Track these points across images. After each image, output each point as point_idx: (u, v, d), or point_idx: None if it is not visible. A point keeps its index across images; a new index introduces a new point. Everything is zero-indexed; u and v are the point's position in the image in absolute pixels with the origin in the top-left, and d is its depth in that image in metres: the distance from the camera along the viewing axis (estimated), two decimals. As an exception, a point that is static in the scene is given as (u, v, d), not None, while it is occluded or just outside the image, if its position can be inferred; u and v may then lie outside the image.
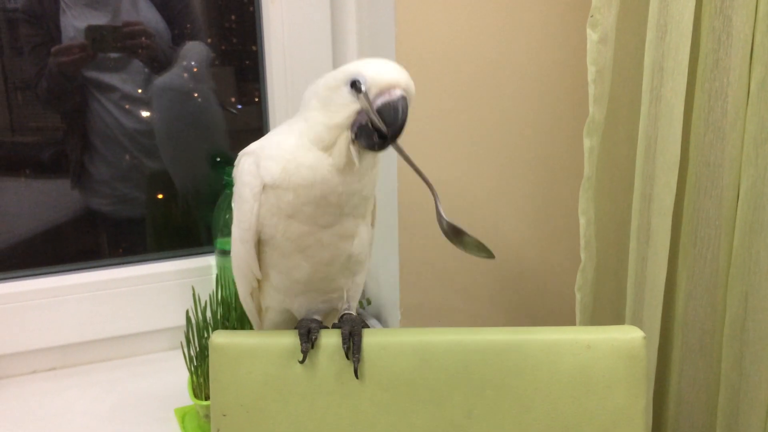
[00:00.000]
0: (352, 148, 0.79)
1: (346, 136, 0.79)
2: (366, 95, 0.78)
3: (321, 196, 0.81)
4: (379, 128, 0.77)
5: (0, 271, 1.36)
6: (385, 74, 0.78)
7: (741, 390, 1.17)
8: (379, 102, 0.78)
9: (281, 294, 0.94)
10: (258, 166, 0.85)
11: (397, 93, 0.78)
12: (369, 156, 0.82)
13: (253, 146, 0.88)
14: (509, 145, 1.36)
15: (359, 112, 0.79)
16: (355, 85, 0.78)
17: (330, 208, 0.83)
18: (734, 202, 1.14)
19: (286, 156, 0.82)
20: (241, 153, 0.90)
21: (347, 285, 0.94)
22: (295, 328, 0.90)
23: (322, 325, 0.91)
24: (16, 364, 1.32)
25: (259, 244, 0.89)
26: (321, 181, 0.81)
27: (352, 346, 0.87)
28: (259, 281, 0.94)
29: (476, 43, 1.29)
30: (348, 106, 0.79)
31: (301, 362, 0.87)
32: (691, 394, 1.25)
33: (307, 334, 0.87)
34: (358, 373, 0.87)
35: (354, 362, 0.86)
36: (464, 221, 1.36)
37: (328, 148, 0.80)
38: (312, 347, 0.87)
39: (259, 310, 0.99)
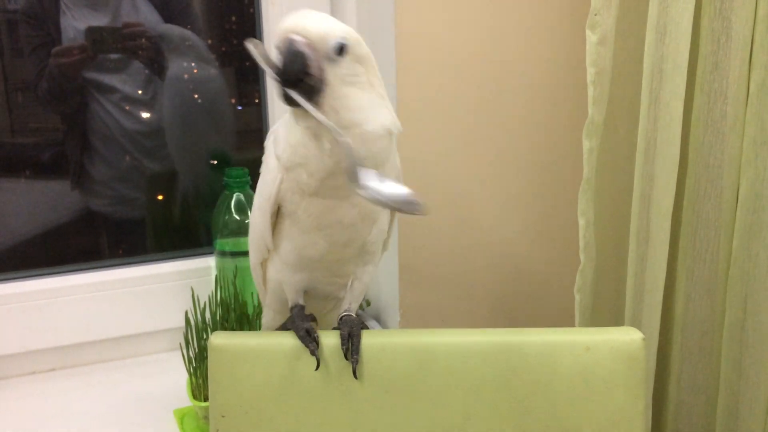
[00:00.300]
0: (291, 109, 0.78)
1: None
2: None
3: (329, 167, 0.79)
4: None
5: (0, 271, 1.36)
6: (281, 24, 0.75)
7: (740, 391, 1.17)
8: (279, 51, 0.75)
9: (287, 266, 0.92)
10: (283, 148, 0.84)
11: (287, 39, 0.74)
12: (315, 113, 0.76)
13: (279, 124, 0.88)
14: (508, 147, 1.36)
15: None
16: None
17: (341, 182, 0.78)
18: (733, 203, 1.14)
19: (281, 138, 0.83)
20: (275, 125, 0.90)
21: (356, 273, 0.93)
22: (282, 328, 0.90)
23: (309, 318, 0.91)
24: (16, 365, 1.32)
25: (279, 216, 0.88)
26: (314, 155, 0.79)
27: (351, 347, 0.86)
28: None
29: (475, 44, 1.29)
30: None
31: (317, 369, 0.86)
32: (690, 396, 1.25)
33: (308, 335, 0.87)
34: (358, 374, 0.87)
35: (353, 363, 0.86)
36: (463, 222, 1.37)
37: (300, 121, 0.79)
38: (318, 346, 0.86)
39: (266, 281, 0.99)
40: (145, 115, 1.54)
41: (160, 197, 1.59)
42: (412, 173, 1.30)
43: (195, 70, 1.53)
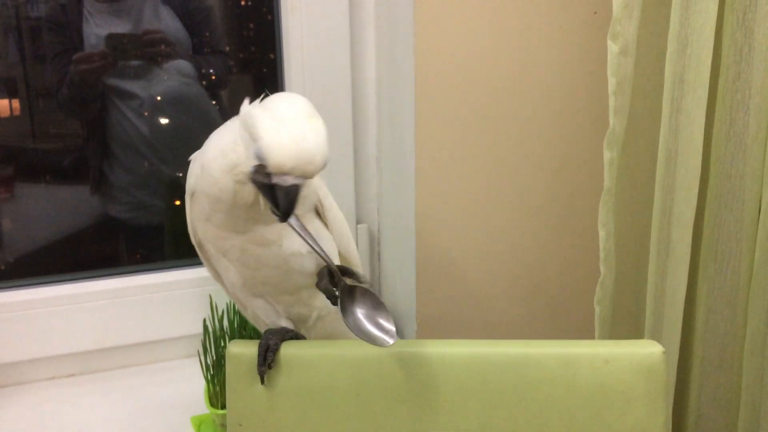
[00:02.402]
0: (261, 198, 0.77)
1: (252, 187, 0.77)
2: (260, 173, 0.75)
3: (227, 209, 0.81)
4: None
5: (19, 277, 1.37)
6: (280, 158, 0.72)
7: (762, 405, 1.16)
8: (274, 180, 0.74)
9: (238, 301, 0.95)
10: (191, 170, 0.87)
11: (288, 181, 0.73)
12: None
13: (199, 151, 0.88)
14: (528, 157, 1.36)
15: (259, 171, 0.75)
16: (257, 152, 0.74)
17: (239, 218, 0.82)
18: (756, 215, 1.12)
19: (204, 164, 0.82)
20: (191, 157, 0.91)
21: (311, 293, 0.92)
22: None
23: (289, 335, 0.90)
24: (35, 370, 1.33)
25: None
26: (225, 200, 0.80)
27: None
28: None
29: (496, 54, 1.29)
30: (252, 163, 0.75)
31: (262, 384, 0.87)
32: (711, 410, 1.24)
33: (265, 354, 0.87)
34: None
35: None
36: (482, 233, 1.36)
37: (237, 182, 0.78)
38: (270, 368, 0.87)
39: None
40: (164, 121, 1.55)
41: (178, 203, 1.59)
42: (431, 183, 1.31)
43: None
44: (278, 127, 0.73)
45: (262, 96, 0.81)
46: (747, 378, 1.17)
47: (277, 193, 0.74)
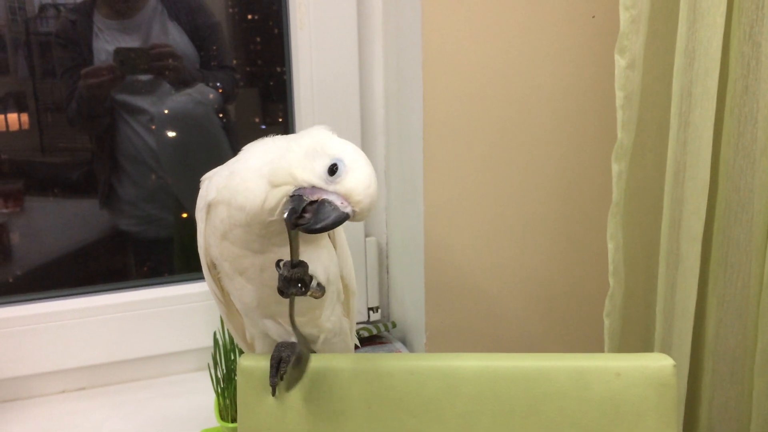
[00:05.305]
0: (283, 203, 0.77)
1: (290, 190, 0.77)
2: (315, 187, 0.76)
3: (246, 222, 0.80)
4: (302, 214, 0.75)
5: (28, 291, 1.37)
6: (358, 187, 0.75)
7: (773, 419, 1.16)
8: (330, 197, 0.76)
9: (247, 319, 0.95)
10: (209, 186, 0.86)
11: (347, 210, 0.75)
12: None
13: (214, 171, 0.89)
14: (536, 169, 1.36)
15: (314, 186, 0.76)
16: (332, 168, 0.76)
17: (255, 235, 0.82)
18: (765, 227, 1.12)
19: (239, 171, 0.82)
20: (202, 178, 0.91)
21: (317, 313, 0.92)
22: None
23: (298, 350, 0.90)
24: (46, 384, 1.33)
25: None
26: (249, 209, 0.79)
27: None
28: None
29: (504, 68, 1.29)
30: (313, 175, 0.76)
31: (273, 395, 0.87)
32: (721, 424, 1.23)
33: (277, 366, 0.87)
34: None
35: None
36: (491, 245, 1.37)
37: (273, 186, 0.78)
38: (281, 380, 0.87)
39: (244, 338, 1.01)
40: (173, 136, 1.55)
41: (186, 216, 1.60)
42: (439, 196, 1.31)
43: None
44: (365, 163, 0.77)
45: None
46: (758, 391, 1.16)
47: (324, 208, 0.75)
